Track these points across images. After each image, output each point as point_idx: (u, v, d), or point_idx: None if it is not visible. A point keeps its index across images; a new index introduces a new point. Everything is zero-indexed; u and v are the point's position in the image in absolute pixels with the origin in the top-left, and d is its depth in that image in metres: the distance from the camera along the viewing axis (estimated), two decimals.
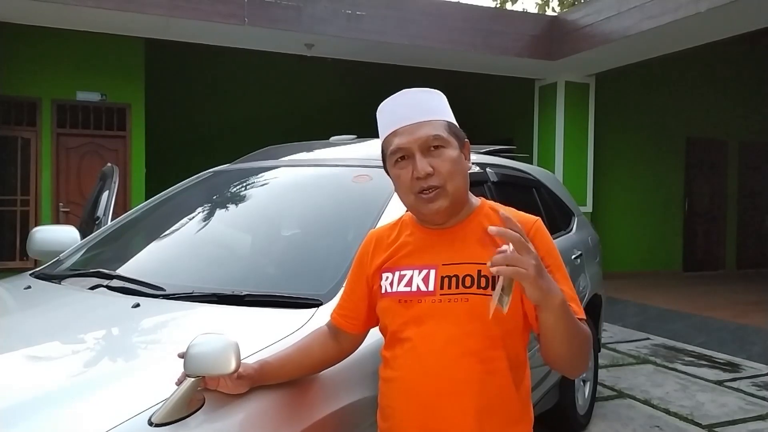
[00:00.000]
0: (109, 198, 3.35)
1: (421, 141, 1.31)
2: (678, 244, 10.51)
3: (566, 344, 1.24)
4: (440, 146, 1.32)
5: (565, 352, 1.26)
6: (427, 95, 1.39)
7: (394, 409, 1.36)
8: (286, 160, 2.93)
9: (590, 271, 3.75)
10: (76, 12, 6.35)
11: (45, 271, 2.33)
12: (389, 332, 1.39)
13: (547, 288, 1.13)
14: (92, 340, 1.68)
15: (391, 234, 1.45)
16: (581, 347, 1.28)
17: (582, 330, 1.27)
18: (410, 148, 1.32)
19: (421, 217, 1.38)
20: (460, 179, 1.34)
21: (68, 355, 1.58)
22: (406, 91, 1.39)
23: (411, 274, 1.34)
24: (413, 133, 1.32)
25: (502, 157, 3.46)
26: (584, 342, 1.28)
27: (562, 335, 1.22)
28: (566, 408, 3.39)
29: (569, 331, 1.22)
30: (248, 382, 1.31)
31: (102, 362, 1.52)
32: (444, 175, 1.31)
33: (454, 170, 1.32)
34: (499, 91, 10.40)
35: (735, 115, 10.58)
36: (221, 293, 1.79)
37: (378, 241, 1.46)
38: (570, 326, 1.22)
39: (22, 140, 7.84)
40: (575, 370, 1.33)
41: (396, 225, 1.47)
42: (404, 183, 1.34)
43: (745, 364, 5.32)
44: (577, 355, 1.29)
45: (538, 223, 1.37)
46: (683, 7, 6.22)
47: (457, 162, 1.34)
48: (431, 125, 1.33)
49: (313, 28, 7.01)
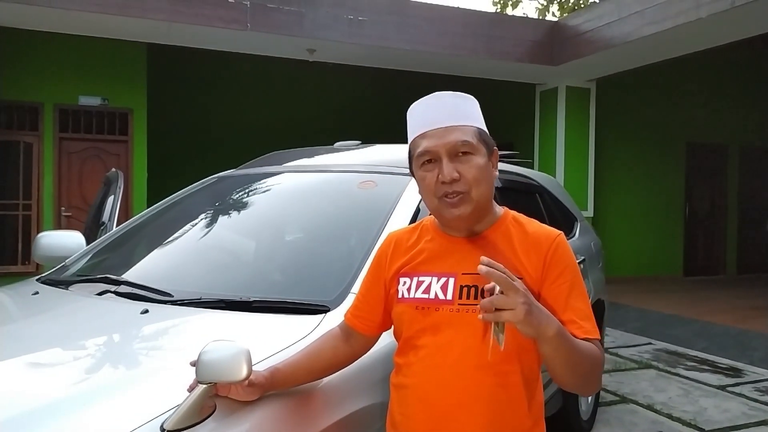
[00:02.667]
0: (114, 203, 3.35)
1: (449, 146, 1.30)
2: (679, 248, 10.51)
3: (569, 371, 1.22)
4: (468, 152, 1.31)
5: (568, 378, 1.25)
6: (459, 100, 1.37)
7: (405, 416, 1.36)
8: (290, 165, 2.93)
9: (593, 276, 3.75)
10: (78, 17, 6.36)
11: (52, 277, 2.33)
12: (403, 338, 1.38)
13: (538, 323, 1.10)
14: (103, 346, 1.68)
15: (410, 237, 1.44)
16: (589, 372, 1.25)
17: (588, 354, 1.23)
18: (438, 151, 1.31)
19: (444, 221, 1.37)
20: (485, 187, 1.33)
21: (79, 362, 1.58)
22: (438, 94, 1.38)
23: (430, 280, 1.33)
24: (442, 137, 1.31)
25: (505, 162, 3.47)
26: (592, 366, 1.25)
27: (563, 363, 1.20)
28: (569, 413, 3.39)
29: (571, 359, 1.19)
30: (259, 389, 1.31)
31: (113, 368, 1.52)
32: (470, 182, 1.30)
33: (480, 177, 1.31)
34: (499, 95, 10.39)
35: (735, 119, 10.60)
36: (229, 299, 1.80)
37: (397, 243, 1.45)
38: (571, 354, 1.19)
39: (25, 145, 7.85)
40: (584, 392, 1.33)
41: (416, 229, 1.46)
42: (429, 186, 1.32)
43: (748, 369, 5.32)
44: (584, 379, 1.26)
45: (560, 239, 1.35)
46: (684, 13, 6.24)
47: (484, 169, 1.32)
48: (461, 130, 1.32)
49: (315, 34, 7.04)
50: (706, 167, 10.70)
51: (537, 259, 1.31)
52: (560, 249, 1.33)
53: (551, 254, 1.31)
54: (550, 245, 1.32)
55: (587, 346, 1.24)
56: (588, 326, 1.27)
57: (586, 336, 1.26)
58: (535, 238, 1.34)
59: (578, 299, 1.29)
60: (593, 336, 1.27)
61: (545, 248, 1.32)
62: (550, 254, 1.31)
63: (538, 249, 1.32)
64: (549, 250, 1.31)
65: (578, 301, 1.29)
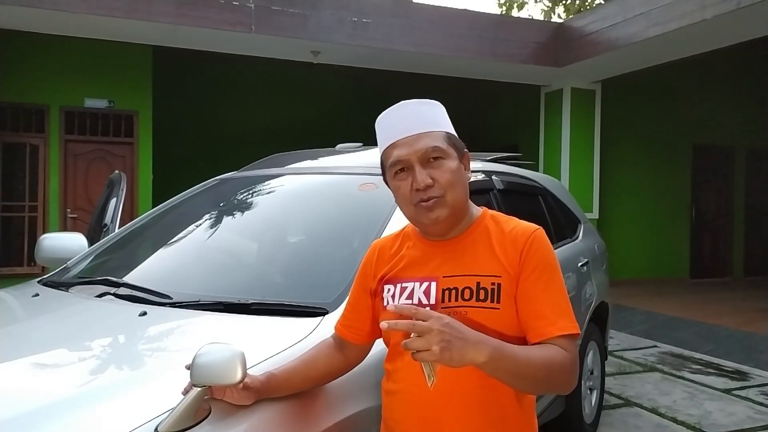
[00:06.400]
0: (117, 205, 3.37)
1: (420, 153, 1.31)
2: (684, 251, 10.46)
3: (520, 383, 1.21)
4: (440, 157, 1.32)
5: (523, 389, 1.26)
6: (425, 107, 1.38)
7: (396, 421, 1.37)
8: (292, 167, 2.94)
9: (597, 278, 3.74)
10: (84, 20, 6.40)
11: (53, 279, 2.34)
12: (391, 344, 1.39)
13: (461, 356, 1.09)
14: (99, 349, 1.69)
15: (393, 245, 1.45)
16: (545, 379, 1.21)
17: (542, 363, 1.20)
18: (410, 159, 1.31)
19: (422, 227, 1.38)
20: (459, 190, 1.34)
21: (75, 364, 1.59)
22: (404, 103, 1.38)
23: (412, 286, 1.34)
24: (412, 145, 1.32)
25: (508, 164, 3.46)
26: (549, 372, 1.21)
27: (510, 379, 1.19)
28: (573, 417, 3.37)
29: (518, 373, 1.17)
30: (254, 394, 1.31)
31: (109, 371, 1.52)
32: (444, 186, 1.30)
33: (454, 181, 1.32)
34: (504, 97, 10.40)
35: (742, 121, 10.55)
36: (227, 302, 1.80)
37: (381, 252, 1.46)
38: (517, 369, 1.17)
39: (31, 147, 7.90)
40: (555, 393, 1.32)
41: (398, 236, 1.47)
42: (404, 194, 1.33)
43: (754, 372, 5.29)
44: (542, 386, 1.25)
45: (536, 233, 1.34)
46: (689, 14, 6.21)
47: (457, 173, 1.33)
48: (430, 137, 1.33)
49: (319, 36, 7.05)
50: (712, 169, 10.65)
51: (514, 254, 1.31)
52: (536, 243, 1.32)
53: (527, 249, 1.30)
54: (527, 240, 1.32)
55: (540, 353, 1.21)
56: (562, 323, 1.26)
57: (560, 333, 1.25)
58: (512, 234, 1.34)
59: (554, 294, 1.28)
60: (567, 332, 1.26)
61: (521, 243, 1.32)
62: (526, 249, 1.31)
63: (514, 245, 1.32)
64: (525, 245, 1.31)
65: (554, 295, 1.28)
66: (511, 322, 1.28)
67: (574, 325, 1.28)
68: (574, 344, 1.29)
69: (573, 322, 1.29)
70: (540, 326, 1.26)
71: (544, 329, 1.25)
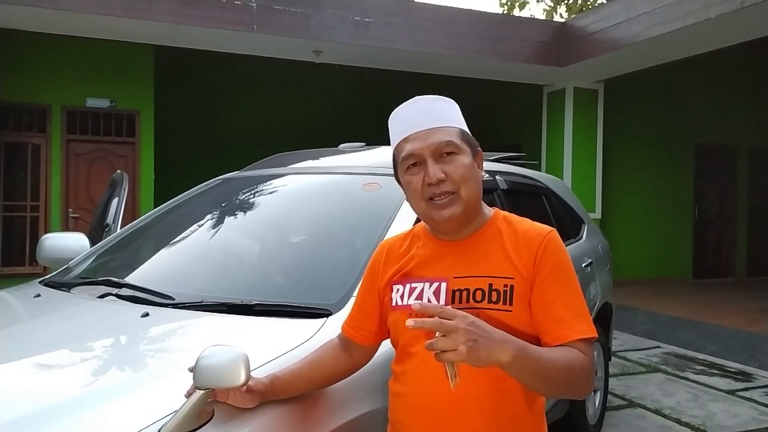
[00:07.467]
0: (119, 205, 3.36)
1: (433, 147, 1.29)
2: (687, 251, 10.43)
3: (542, 385, 1.20)
4: (453, 153, 1.30)
5: (544, 392, 1.23)
6: (440, 103, 1.36)
7: (403, 424, 1.34)
8: (294, 167, 2.92)
9: (600, 279, 3.72)
10: (85, 19, 6.39)
11: (54, 279, 2.33)
12: (400, 346, 1.37)
13: (488, 355, 1.07)
14: (101, 350, 1.67)
15: (402, 245, 1.43)
16: (567, 381, 1.20)
17: (564, 365, 1.18)
18: (422, 153, 1.29)
19: (434, 225, 1.35)
20: (473, 185, 1.31)
21: (77, 365, 1.57)
22: (419, 98, 1.37)
23: (422, 286, 1.31)
24: (426, 139, 1.30)
25: (511, 164, 3.44)
26: (571, 374, 1.19)
27: (533, 381, 1.17)
28: (577, 418, 3.35)
29: (541, 374, 1.16)
30: (258, 396, 1.29)
31: (111, 373, 1.51)
32: (457, 181, 1.28)
33: (468, 176, 1.30)
34: (506, 97, 10.37)
35: (745, 121, 10.52)
36: (230, 303, 1.78)
37: (389, 251, 1.44)
38: (540, 370, 1.15)
39: (32, 146, 7.88)
40: (571, 398, 1.30)
41: (408, 236, 1.45)
42: (415, 189, 1.31)
43: (758, 373, 5.26)
44: (564, 388, 1.23)
45: (551, 235, 1.32)
46: (693, 14, 6.19)
47: (470, 168, 1.31)
48: (444, 131, 1.31)
49: (321, 35, 7.03)
50: (715, 169, 10.61)
51: (528, 256, 1.29)
52: (551, 245, 1.30)
53: (542, 251, 1.28)
54: (541, 242, 1.29)
55: (563, 355, 1.20)
56: (580, 325, 1.24)
57: (578, 336, 1.23)
58: (525, 236, 1.32)
59: (571, 296, 1.26)
60: (585, 335, 1.24)
61: (536, 245, 1.29)
62: (541, 251, 1.28)
63: (528, 247, 1.30)
64: (539, 247, 1.29)
65: (570, 298, 1.26)
66: (524, 325, 1.26)
67: (591, 328, 1.26)
68: (592, 348, 1.27)
69: (590, 325, 1.27)
70: (557, 330, 1.23)
71: (562, 333, 1.23)
